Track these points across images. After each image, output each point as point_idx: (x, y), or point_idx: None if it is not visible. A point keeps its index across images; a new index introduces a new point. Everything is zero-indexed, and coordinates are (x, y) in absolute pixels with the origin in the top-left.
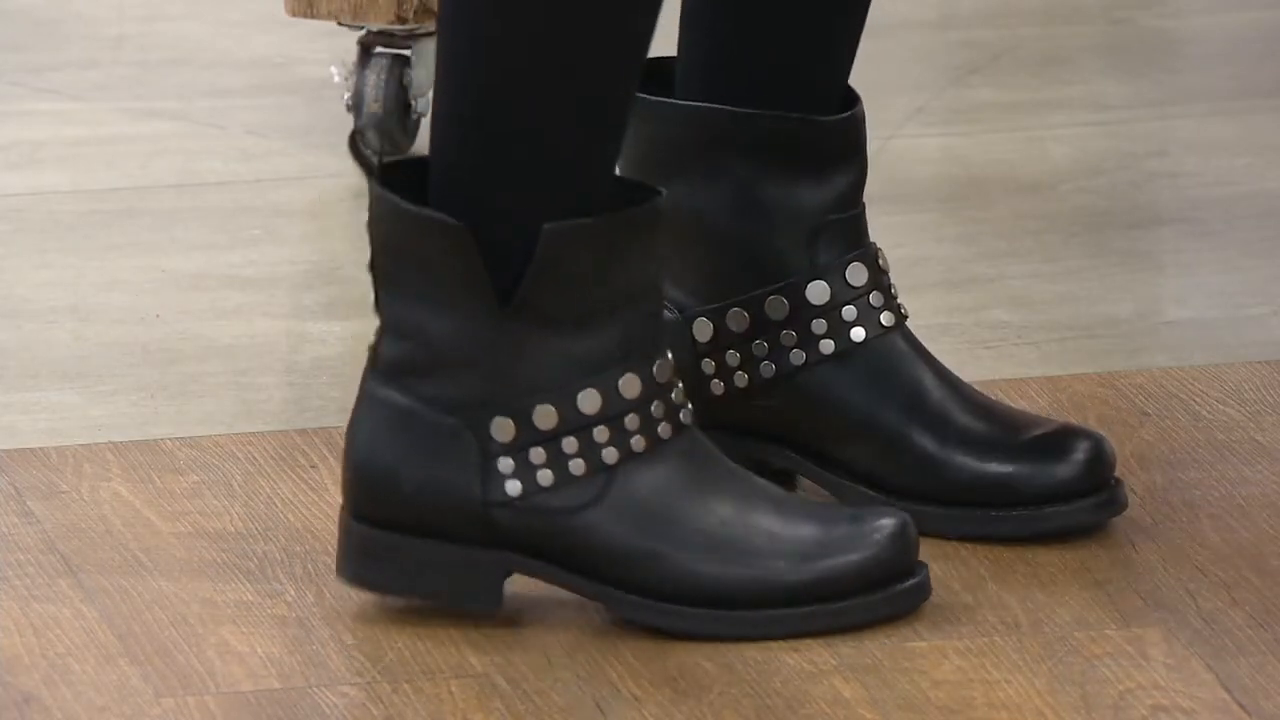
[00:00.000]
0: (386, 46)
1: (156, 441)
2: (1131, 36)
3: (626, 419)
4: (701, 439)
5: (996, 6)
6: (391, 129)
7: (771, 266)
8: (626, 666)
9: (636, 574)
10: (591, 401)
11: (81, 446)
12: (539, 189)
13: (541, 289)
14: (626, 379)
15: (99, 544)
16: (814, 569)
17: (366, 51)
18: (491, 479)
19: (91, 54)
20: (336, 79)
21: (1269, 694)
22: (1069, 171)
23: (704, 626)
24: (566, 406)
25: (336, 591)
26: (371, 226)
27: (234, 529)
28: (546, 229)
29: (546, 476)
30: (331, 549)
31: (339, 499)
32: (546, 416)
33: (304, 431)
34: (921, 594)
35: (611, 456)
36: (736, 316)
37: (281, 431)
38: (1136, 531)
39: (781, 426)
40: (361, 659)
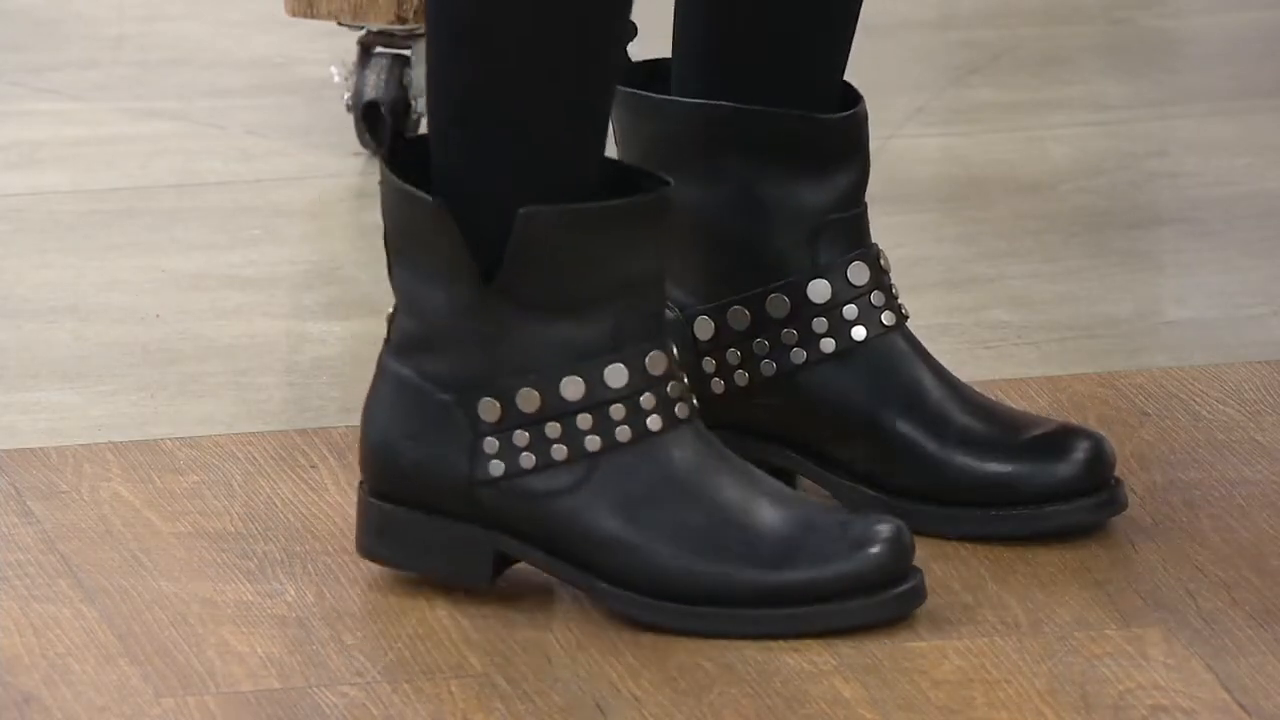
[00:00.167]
0: (386, 46)
1: (156, 441)
2: (1131, 36)
3: (611, 409)
4: (700, 435)
5: (996, 6)
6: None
7: (772, 265)
8: (626, 666)
9: (613, 563)
10: (575, 388)
11: (81, 446)
12: (519, 173)
13: (520, 271)
14: (613, 369)
15: (99, 544)
16: (784, 574)
17: (366, 51)
18: (478, 458)
19: (91, 54)
20: (336, 79)
21: (1269, 694)
22: (1069, 171)
23: (677, 621)
24: (549, 391)
25: (336, 591)
26: (381, 202)
27: (234, 529)
28: (521, 212)
29: (529, 459)
30: (332, 549)
31: (339, 499)
32: (530, 400)
33: (304, 431)
34: (909, 601)
35: (594, 444)
36: (737, 314)
37: (281, 431)
38: (1136, 531)
39: (782, 426)
40: (361, 659)
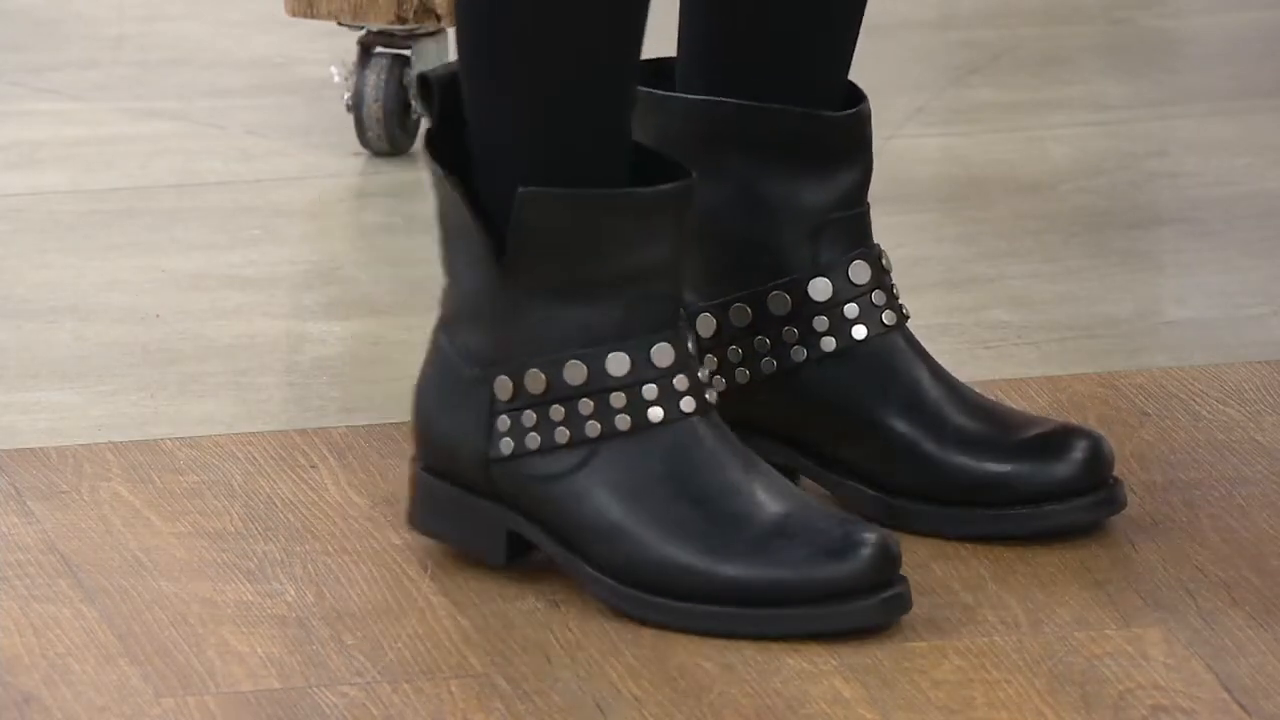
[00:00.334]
0: (386, 46)
1: (156, 441)
2: (1131, 36)
3: (612, 396)
4: (713, 429)
5: (996, 6)
6: (392, 129)
7: (774, 263)
8: (626, 666)
9: (598, 549)
10: (576, 373)
11: (81, 446)
12: (535, 154)
13: (521, 252)
14: (615, 357)
15: (99, 544)
16: (759, 574)
17: (366, 51)
18: (492, 434)
19: (91, 54)
20: (336, 79)
21: (1269, 694)
22: (1069, 171)
23: (650, 613)
24: (554, 374)
25: (336, 591)
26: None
27: (234, 529)
28: (520, 192)
29: (534, 440)
30: (332, 549)
31: (339, 499)
32: (536, 381)
33: (304, 431)
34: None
35: (594, 431)
36: (739, 311)
37: (281, 431)
38: (1136, 531)
39: (782, 423)
40: (361, 659)
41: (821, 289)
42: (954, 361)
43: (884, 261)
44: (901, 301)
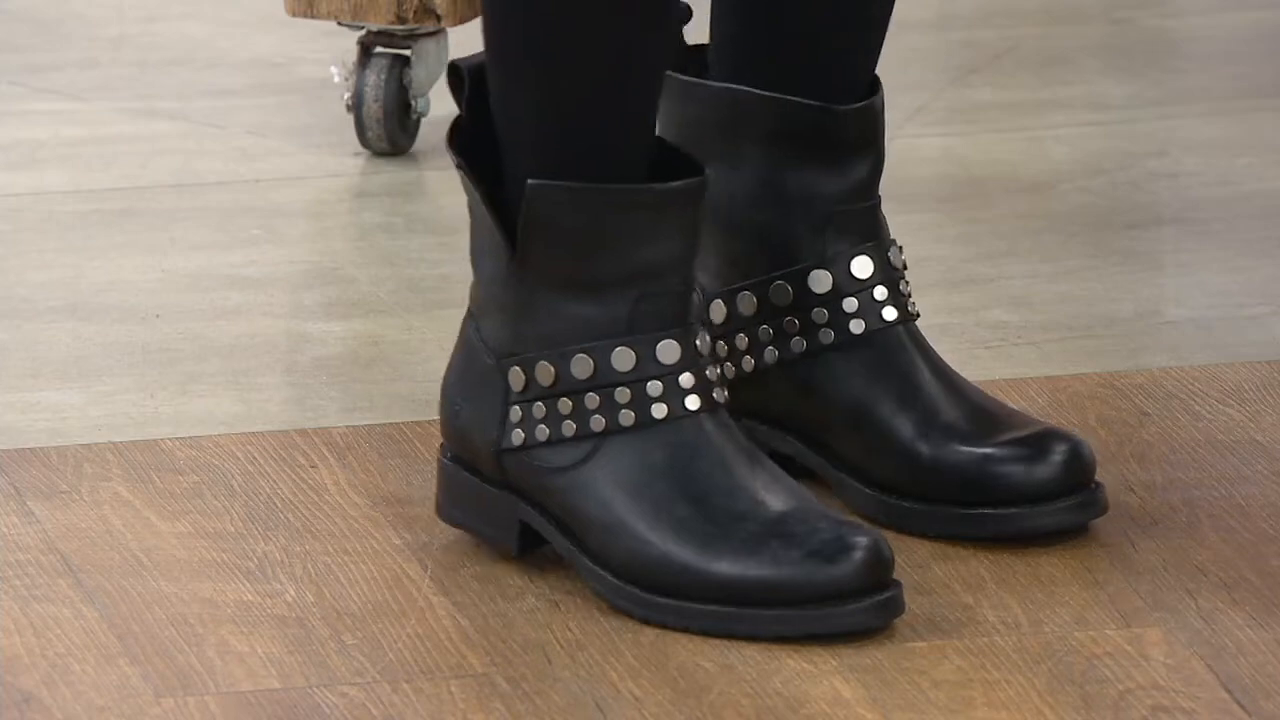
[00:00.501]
0: (386, 46)
1: (156, 441)
2: (1131, 36)
3: (617, 391)
4: (719, 427)
5: (996, 6)
6: (392, 129)
7: (783, 253)
8: (626, 666)
9: (596, 542)
10: (583, 367)
11: (81, 446)
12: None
13: (532, 244)
14: (620, 352)
15: (99, 544)
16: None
17: (366, 51)
18: (505, 425)
19: (91, 54)
20: (336, 79)
21: (1269, 694)
22: (1069, 171)
23: (649, 612)
24: (562, 367)
25: (336, 591)
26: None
27: (234, 529)
28: (529, 183)
29: (543, 431)
30: (331, 549)
31: (339, 499)
32: (546, 373)
33: (304, 431)
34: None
35: (598, 425)
36: (745, 300)
37: (281, 431)
38: (1136, 531)
39: (785, 413)
40: (361, 659)
41: (821, 281)
42: (954, 362)
43: (893, 257)
44: (912, 299)
